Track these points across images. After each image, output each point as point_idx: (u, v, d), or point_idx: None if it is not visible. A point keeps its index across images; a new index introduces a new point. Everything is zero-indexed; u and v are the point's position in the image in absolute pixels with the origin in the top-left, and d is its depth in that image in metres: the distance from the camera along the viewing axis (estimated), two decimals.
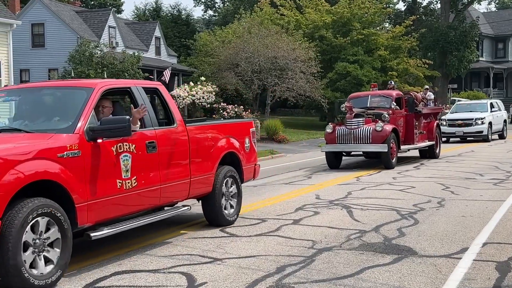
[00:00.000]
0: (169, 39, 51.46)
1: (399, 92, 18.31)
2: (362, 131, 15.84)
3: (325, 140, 16.87)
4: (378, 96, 17.56)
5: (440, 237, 7.48)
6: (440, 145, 19.51)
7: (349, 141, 16.00)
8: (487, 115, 27.27)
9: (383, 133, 15.63)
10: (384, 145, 15.51)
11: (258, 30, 34.60)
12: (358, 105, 17.04)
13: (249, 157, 9.29)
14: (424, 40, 46.77)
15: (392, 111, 16.69)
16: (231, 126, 9.23)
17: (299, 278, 5.81)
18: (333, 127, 16.43)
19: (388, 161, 15.78)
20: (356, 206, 9.92)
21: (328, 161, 16.59)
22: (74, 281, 5.84)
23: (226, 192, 8.52)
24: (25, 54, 35.41)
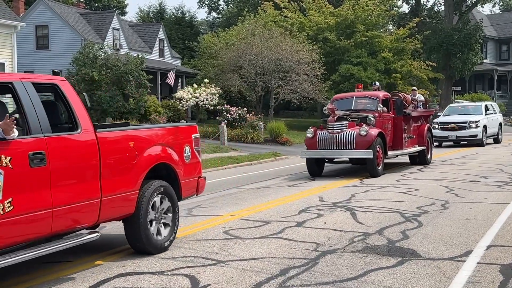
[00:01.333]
0: (173, 41, 51.52)
1: (386, 93, 17.05)
2: (345, 135, 14.61)
3: (306, 145, 15.61)
4: (364, 98, 16.32)
5: (444, 240, 7.46)
6: (432, 150, 18.31)
7: (331, 146, 14.77)
8: (481, 118, 25.95)
9: (368, 138, 14.45)
10: (369, 151, 14.31)
11: (262, 32, 34.64)
12: (342, 107, 15.89)
13: (191, 169, 7.78)
14: (428, 42, 46.72)
15: (378, 113, 15.52)
16: (165, 132, 7.54)
17: (303, 280, 5.80)
18: (314, 131, 15.17)
19: (373, 168, 14.52)
20: (360, 209, 9.90)
21: (309, 168, 15.32)
22: (77, 283, 5.84)
23: (155, 213, 7.04)
24: (29, 56, 35.49)
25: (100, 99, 31.73)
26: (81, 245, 7.56)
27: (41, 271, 6.35)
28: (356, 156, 14.70)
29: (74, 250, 7.31)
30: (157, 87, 39.20)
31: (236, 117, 31.86)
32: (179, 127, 7.97)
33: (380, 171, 14.77)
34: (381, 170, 14.81)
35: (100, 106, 31.92)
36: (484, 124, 25.79)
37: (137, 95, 32.74)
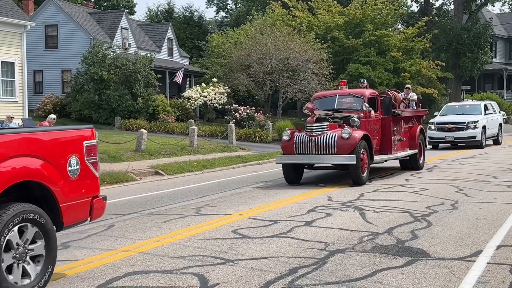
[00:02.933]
0: (181, 40, 51.58)
1: (374, 91, 15.49)
2: (325, 138, 13.01)
3: (282, 149, 14.11)
4: (348, 96, 14.73)
5: (454, 239, 7.42)
6: (425, 154, 16.81)
7: (309, 150, 13.13)
8: (480, 118, 24.29)
9: (351, 141, 12.83)
10: (352, 156, 12.72)
11: (270, 31, 34.63)
12: (324, 106, 14.35)
13: (79, 188, 6.06)
14: (437, 41, 46.51)
15: (364, 113, 13.97)
16: (34, 140, 5.64)
17: (312, 280, 5.79)
18: (291, 133, 13.58)
19: (357, 175, 12.90)
20: (369, 208, 9.87)
21: (286, 175, 13.70)
22: (87, 282, 5.86)
23: (15, 248, 5.26)
24: (39, 55, 35.64)
25: (109, 98, 31.84)
26: (90, 244, 7.61)
27: None
28: (337, 161, 13.11)
29: (82, 249, 7.34)
30: (165, 87, 39.27)
31: (244, 116, 31.87)
32: (61, 132, 6.16)
33: (365, 179, 13.15)
34: (366, 177, 13.21)
35: (109, 105, 32.03)
36: (483, 124, 24.30)
37: (145, 94, 32.84)
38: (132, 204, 11.37)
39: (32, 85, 35.78)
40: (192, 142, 22.91)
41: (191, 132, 23.38)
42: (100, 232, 8.47)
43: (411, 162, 15.93)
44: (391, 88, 38.86)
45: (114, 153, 19.06)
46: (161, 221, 9.17)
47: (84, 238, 8.02)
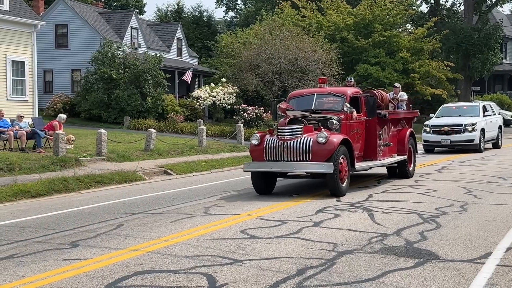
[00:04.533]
0: (190, 40, 51.67)
1: (358, 90, 13.80)
2: (298, 143, 11.41)
3: (251, 155, 12.57)
4: (327, 95, 13.15)
5: (463, 241, 7.40)
6: (415, 160, 15.29)
7: (280, 157, 11.54)
8: (479, 120, 22.75)
9: (328, 146, 11.27)
10: (329, 164, 11.15)
11: (279, 31, 34.61)
12: (301, 106, 12.85)
13: None
14: (447, 42, 46.33)
15: (345, 115, 12.37)
16: None
17: (320, 280, 5.78)
18: (260, 137, 11.97)
19: (334, 185, 11.35)
20: (377, 209, 9.85)
21: (255, 184, 12.18)
22: (96, 281, 5.89)
23: None
24: (49, 54, 35.80)
25: (118, 97, 31.94)
26: (99, 243, 7.64)
27: (60, 269, 6.40)
28: (312, 170, 11.53)
29: (92, 248, 7.37)
30: (174, 86, 39.35)
31: (253, 116, 31.89)
32: None
33: (345, 189, 11.63)
34: (346, 187, 11.69)
35: (118, 104, 32.13)
36: (481, 127, 22.77)
37: (154, 94, 32.91)
38: (141, 203, 11.40)
39: (42, 84, 35.95)
40: (201, 142, 22.94)
41: (199, 132, 23.41)
42: (109, 231, 8.50)
43: (399, 170, 14.41)
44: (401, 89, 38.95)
45: (123, 152, 19.13)
46: (169, 221, 9.20)
47: (93, 237, 8.05)
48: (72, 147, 19.04)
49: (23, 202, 12.00)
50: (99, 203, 11.57)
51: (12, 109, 23.22)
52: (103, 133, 18.38)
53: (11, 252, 7.25)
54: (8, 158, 15.86)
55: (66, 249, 7.38)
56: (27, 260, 6.82)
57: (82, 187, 13.73)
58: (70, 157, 16.87)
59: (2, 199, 11.89)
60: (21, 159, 15.88)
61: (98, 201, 11.89)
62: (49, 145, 18.81)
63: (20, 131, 18.24)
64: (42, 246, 7.56)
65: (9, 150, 17.57)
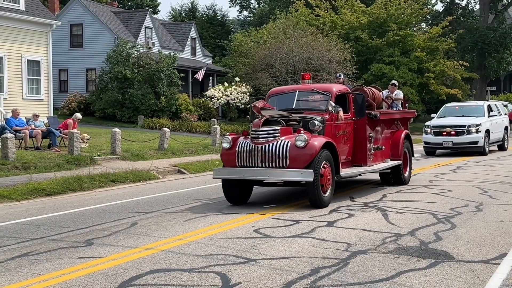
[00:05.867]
0: (204, 40, 51.78)
1: (345, 87, 12.30)
2: (274, 147, 10.04)
3: (221, 160, 11.22)
4: (311, 93, 11.73)
5: (478, 242, 7.34)
6: (411, 165, 13.94)
7: (254, 162, 10.14)
8: (483, 121, 21.48)
9: (308, 151, 9.91)
10: (308, 171, 9.79)
11: (293, 30, 34.57)
12: (282, 105, 11.51)
13: None
14: (462, 41, 46.03)
15: (329, 115, 11.02)
16: None
17: (334, 280, 5.77)
18: (232, 140, 10.61)
19: (315, 195, 9.96)
20: (391, 209, 9.81)
21: (226, 193, 10.76)
22: (110, 279, 5.92)
23: None
24: (64, 54, 36.06)
25: (133, 97, 32.09)
26: (113, 241, 7.68)
27: (75, 267, 6.44)
28: (289, 178, 10.12)
29: (106, 246, 7.41)
30: (188, 86, 39.46)
31: None
32: None
33: (328, 199, 10.27)
34: (329, 196, 10.32)
35: (132, 104, 32.28)
36: (486, 128, 21.45)
37: (168, 93, 33.03)
38: (154, 202, 11.44)
39: (57, 83, 36.24)
40: (214, 141, 22.98)
41: (213, 131, 23.45)
42: (123, 229, 8.54)
43: (393, 176, 13.11)
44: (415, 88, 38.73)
45: (137, 151, 19.22)
46: (183, 220, 9.22)
47: (108, 236, 8.10)
48: (86, 146, 19.17)
49: (38, 200, 12.10)
50: (113, 201, 11.63)
51: (27, 108, 23.42)
52: (117, 132, 18.47)
53: (27, 250, 7.31)
54: (24, 156, 16.00)
55: (80, 247, 7.43)
56: (42, 258, 6.87)
57: (97, 185, 13.81)
58: (85, 156, 16.98)
59: (18, 197, 12.00)
60: (36, 158, 16.01)
61: (112, 199, 11.95)
62: (64, 143, 18.95)
63: (36, 130, 18.40)
64: (57, 244, 7.62)
65: (24, 149, 17.73)
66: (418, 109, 38.76)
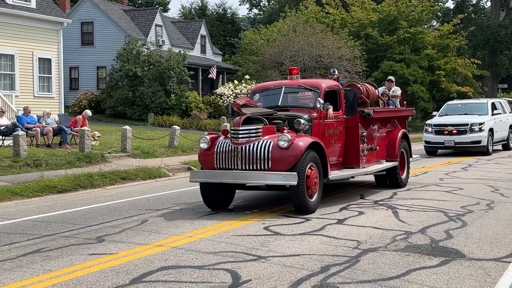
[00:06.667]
0: (214, 38, 51.82)
1: (336, 83, 11.40)
2: (254, 148, 9.21)
3: (199, 162, 10.38)
4: (298, 89, 10.87)
5: (489, 240, 7.31)
6: (409, 166, 13.03)
7: (234, 164, 9.34)
8: (487, 120, 20.71)
9: (292, 152, 9.08)
10: (292, 174, 8.97)
11: (303, 28, 34.53)
12: (268, 102, 10.74)
13: None
14: (473, 38, 45.77)
15: (317, 112, 10.20)
16: None
17: (344, 278, 5.76)
18: (211, 140, 9.78)
19: (299, 200, 9.13)
20: (402, 207, 9.78)
21: (204, 196, 9.95)
22: (121, 275, 5.94)
23: None
24: (75, 52, 36.24)
25: (143, 94, 32.19)
26: (124, 238, 7.72)
27: (86, 263, 6.48)
28: (271, 181, 9.27)
29: (117, 243, 7.44)
30: (198, 83, 39.52)
31: None
32: None
33: (314, 204, 9.43)
34: (315, 201, 9.49)
35: (142, 101, 32.39)
36: (490, 126, 20.72)
37: (178, 91, 33.11)
38: (165, 199, 11.48)
39: (68, 81, 36.42)
40: None
41: (223, 128, 23.46)
42: (134, 226, 8.58)
43: (389, 178, 12.27)
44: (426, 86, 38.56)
45: (147, 149, 19.28)
46: (193, 217, 9.24)
47: (118, 233, 8.13)
48: (97, 144, 19.26)
49: (50, 197, 12.17)
50: (124, 199, 11.68)
51: (39, 105, 23.56)
52: (127, 130, 18.54)
53: (38, 247, 7.36)
54: (35, 154, 16.09)
55: (92, 244, 7.47)
56: (54, 255, 6.91)
57: (107, 183, 13.87)
58: (96, 153, 17.06)
59: (29, 194, 12.08)
60: (47, 155, 16.11)
61: (123, 197, 12.00)
62: (75, 141, 19.05)
63: (47, 128, 18.51)
64: (68, 241, 7.66)
65: (36, 146, 17.84)
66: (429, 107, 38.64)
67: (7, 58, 24.11)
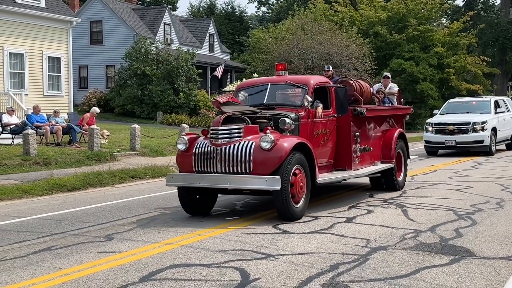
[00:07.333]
0: (222, 36, 51.85)
1: (326, 79, 10.74)
2: (236, 149, 8.53)
3: (177, 165, 9.74)
4: (285, 85, 10.18)
5: (499, 238, 7.27)
6: (406, 168, 12.37)
7: (213, 167, 8.67)
8: (489, 118, 19.91)
9: (275, 154, 8.36)
10: (275, 178, 8.24)
11: (312, 26, 34.47)
12: (254, 100, 10.08)
13: None
14: (483, 36, 45.55)
15: (305, 111, 9.49)
16: None
17: (353, 276, 5.75)
18: (189, 141, 9.11)
19: (283, 205, 8.42)
20: (411, 206, 9.75)
21: (182, 201, 9.29)
22: (131, 273, 5.96)
23: None
24: (84, 50, 36.36)
25: (151, 93, 32.26)
26: (133, 236, 7.75)
27: (96, 261, 6.50)
28: (252, 186, 8.57)
29: (126, 241, 7.47)
30: (206, 82, 39.56)
31: None
32: None
33: (300, 210, 8.72)
34: (302, 207, 8.77)
35: (151, 100, 32.46)
36: (493, 125, 19.90)
37: (187, 89, 33.16)
38: (174, 198, 11.48)
39: (77, 80, 36.58)
40: None
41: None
42: (143, 225, 8.60)
43: (385, 180, 11.60)
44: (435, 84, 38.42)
45: (156, 147, 19.32)
46: (202, 215, 9.25)
47: (128, 231, 8.16)
48: (106, 142, 19.32)
49: (59, 195, 12.23)
50: (133, 197, 11.72)
51: (48, 104, 23.67)
52: (136, 128, 18.59)
53: (48, 245, 7.40)
54: (45, 152, 16.18)
55: (101, 242, 7.50)
56: (63, 252, 6.95)
57: (116, 181, 13.92)
58: (105, 151, 17.12)
59: (39, 192, 12.14)
60: (57, 154, 16.19)
61: (132, 195, 12.03)
62: (84, 140, 19.12)
63: (56, 126, 18.60)
64: (78, 239, 7.70)
65: (45, 145, 17.93)
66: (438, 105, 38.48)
67: (17, 57, 24.24)
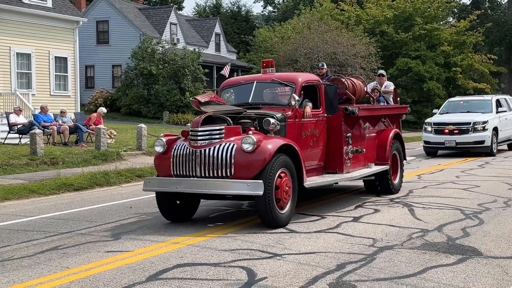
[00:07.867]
0: (228, 35, 51.86)
1: (316, 77, 10.16)
2: (216, 152, 7.97)
3: (155, 168, 9.13)
4: (271, 83, 9.59)
5: (507, 238, 7.25)
6: (402, 170, 11.77)
7: (192, 171, 8.13)
8: (490, 118, 19.35)
9: (258, 156, 7.83)
10: (257, 182, 7.71)
11: (318, 25, 34.44)
12: (239, 99, 9.58)
13: None
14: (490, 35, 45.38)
15: (292, 110, 8.91)
16: None
17: (360, 276, 5.75)
18: (167, 143, 8.56)
19: (267, 212, 7.85)
20: (418, 205, 9.73)
21: (161, 207, 8.74)
22: (138, 272, 5.98)
23: None
24: (90, 50, 36.46)
25: (158, 93, 32.31)
26: (140, 235, 7.76)
27: (103, 260, 6.52)
28: (233, 191, 7.99)
29: (133, 240, 7.49)
30: (213, 81, 39.58)
31: None
32: None
33: (285, 217, 8.16)
34: (287, 214, 8.21)
35: (157, 99, 32.51)
36: (494, 125, 19.34)
37: (193, 89, 33.18)
38: None
39: (83, 80, 36.68)
40: None
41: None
42: (150, 224, 8.62)
43: (380, 183, 11.01)
44: (442, 83, 38.30)
45: None
46: (209, 215, 9.27)
47: (135, 230, 8.18)
48: (113, 142, 19.37)
49: (66, 195, 12.27)
50: (139, 196, 11.73)
51: (55, 104, 23.74)
52: (143, 128, 18.63)
53: (56, 244, 7.43)
54: (52, 152, 16.23)
55: (108, 241, 7.52)
56: (71, 252, 6.97)
57: (123, 180, 13.96)
58: (111, 151, 17.16)
59: (46, 192, 12.19)
60: (64, 153, 16.24)
61: (138, 194, 12.05)
62: (90, 139, 19.18)
63: (63, 126, 18.66)
64: (85, 238, 7.72)
65: (52, 144, 17.99)
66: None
67: (24, 57, 24.33)
